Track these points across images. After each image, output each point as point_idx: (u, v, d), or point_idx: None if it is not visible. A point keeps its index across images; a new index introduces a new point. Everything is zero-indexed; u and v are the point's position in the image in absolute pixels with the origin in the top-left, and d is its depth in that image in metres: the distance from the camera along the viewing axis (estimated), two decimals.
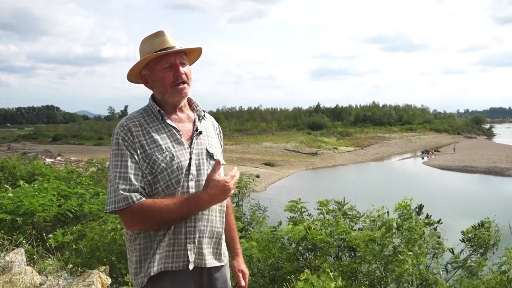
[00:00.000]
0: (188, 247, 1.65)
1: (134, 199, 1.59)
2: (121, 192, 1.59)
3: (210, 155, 1.76)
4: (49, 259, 4.41)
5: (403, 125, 76.78)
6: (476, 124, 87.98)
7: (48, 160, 35.38)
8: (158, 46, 1.71)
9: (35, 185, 6.49)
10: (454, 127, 78.48)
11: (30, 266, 4.14)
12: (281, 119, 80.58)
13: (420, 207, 3.82)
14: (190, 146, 1.73)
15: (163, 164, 1.64)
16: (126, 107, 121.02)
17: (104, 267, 4.14)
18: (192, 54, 1.84)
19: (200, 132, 1.78)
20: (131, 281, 3.55)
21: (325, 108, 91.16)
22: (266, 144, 49.39)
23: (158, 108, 1.73)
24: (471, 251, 3.58)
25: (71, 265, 4.37)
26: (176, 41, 1.77)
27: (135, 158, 1.64)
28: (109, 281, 3.90)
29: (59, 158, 40.46)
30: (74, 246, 4.57)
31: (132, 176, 1.61)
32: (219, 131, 1.97)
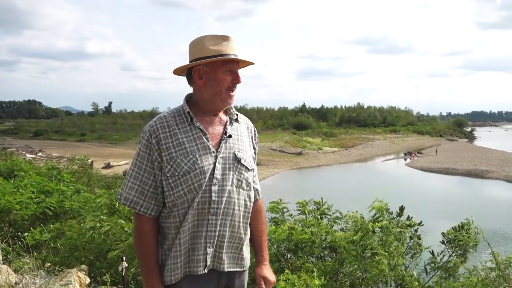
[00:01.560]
0: (208, 251, 1.68)
1: (136, 207, 1.71)
2: (129, 191, 1.72)
3: (237, 160, 1.75)
4: (26, 257, 4.32)
5: (387, 127, 77.65)
6: (458, 127, 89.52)
7: (29, 155, 34.71)
8: (228, 50, 1.73)
9: (14, 182, 6.36)
10: (437, 130, 79.70)
11: (6, 265, 4.05)
12: (266, 119, 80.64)
13: (401, 208, 3.86)
14: (217, 150, 1.72)
15: (186, 167, 1.66)
16: (110, 103, 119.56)
17: (83, 266, 4.07)
18: (240, 65, 1.85)
19: (230, 136, 1.77)
20: (109, 281, 3.51)
21: (310, 109, 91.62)
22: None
23: (188, 109, 1.74)
24: (450, 253, 3.62)
25: (49, 264, 4.28)
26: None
27: (153, 163, 1.69)
28: (88, 280, 3.84)
29: (40, 154, 39.71)
30: (52, 244, 4.49)
31: (144, 179, 1.70)
32: (254, 135, 1.96)
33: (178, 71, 1.82)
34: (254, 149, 1.92)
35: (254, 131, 1.96)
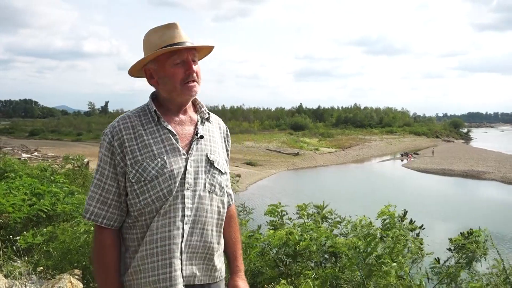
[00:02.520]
0: (182, 266, 1.50)
1: (98, 219, 1.53)
2: (90, 202, 1.54)
3: (210, 163, 1.60)
4: (17, 261, 4.21)
5: (384, 128, 77.87)
6: (454, 128, 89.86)
7: (25, 155, 34.51)
8: (171, 39, 1.55)
9: (6, 183, 6.24)
10: (433, 131, 79.98)
11: None
12: (263, 119, 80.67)
13: (404, 213, 3.76)
14: (187, 152, 1.56)
15: (153, 172, 1.49)
16: (106, 103, 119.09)
17: (76, 270, 3.97)
18: (201, 52, 1.68)
19: (201, 137, 1.61)
20: None
21: (307, 109, 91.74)
22: (248, 143, 49.28)
23: (154, 108, 1.57)
24: (456, 260, 3.52)
25: (41, 268, 4.18)
26: (188, 36, 1.61)
27: (115, 168, 1.53)
28: (81, 285, 3.73)
29: (36, 153, 39.47)
30: (44, 248, 4.37)
31: (106, 186, 1.53)
32: (227, 135, 1.80)
33: (135, 74, 1.66)
34: (227, 150, 1.78)
35: (227, 131, 1.81)
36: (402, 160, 45.78)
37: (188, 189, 1.52)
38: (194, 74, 1.58)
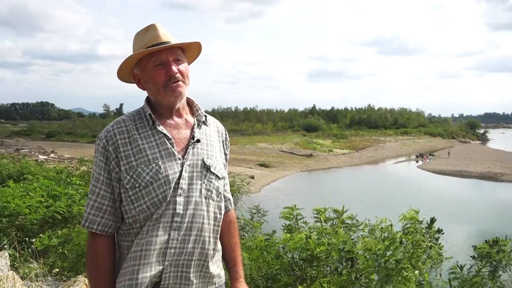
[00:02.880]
0: (166, 270, 1.46)
1: (93, 226, 1.50)
2: (86, 209, 1.52)
3: (206, 167, 1.55)
4: (33, 263, 4.25)
5: (398, 129, 77.01)
6: (470, 128, 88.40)
7: (42, 156, 35.09)
8: (149, 41, 1.52)
9: (23, 185, 6.32)
10: (449, 132, 78.81)
11: (13, 270, 3.97)
12: (276, 120, 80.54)
13: (432, 220, 3.65)
14: (183, 156, 1.52)
15: (148, 178, 1.45)
16: (121, 105, 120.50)
17: None
18: (191, 51, 1.63)
19: (198, 141, 1.57)
20: None
21: (320, 110, 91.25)
22: (261, 145, 49.24)
23: (149, 111, 1.54)
24: (479, 269, 3.40)
25: (57, 270, 4.20)
26: (171, 36, 1.57)
27: (110, 174, 1.49)
28: None
29: (52, 155, 40.06)
30: (60, 250, 4.41)
31: (102, 192, 1.50)
32: (225, 138, 1.75)
33: (125, 79, 1.64)
34: (225, 154, 1.72)
35: (225, 134, 1.76)
36: (417, 162, 45.18)
37: (180, 195, 1.48)
38: (178, 74, 1.53)
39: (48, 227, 5.21)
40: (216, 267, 1.61)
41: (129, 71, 1.60)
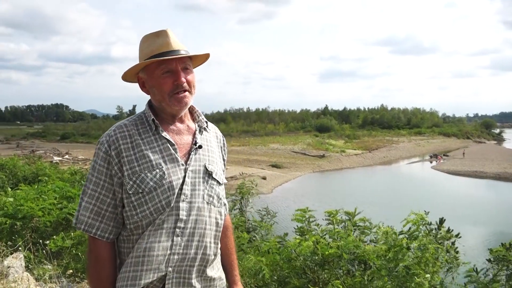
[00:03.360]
0: (168, 276, 1.45)
1: (92, 230, 1.48)
2: (83, 212, 1.49)
3: (208, 173, 1.55)
4: (47, 265, 4.29)
5: (412, 129, 76.19)
6: (485, 128, 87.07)
7: (56, 158, 35.57)
8: (160, 48, 1.51)
9: (37, 187, 6.40)
10: (463, 132, 77.73)
11: (28, 272, 4.02)
12: (288, 121, 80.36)
13: (441, 221, 3.60)
14: (186, 162, 1.51)
15: (151, 183, 1.44)
16: (134, 106, 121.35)
17: None
18: (198, 59, 1.63)
19: (200, 146, 1.57)
20: None
21: (333, 111, 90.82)
22: (273, 146, 49.19)
23: (152, 117, 1.53)
24: (496, 272, 3.34)
25: (71, 271, 4.23)
26: (181, 43, 1.56)
27: (112, 179, 1.48)
28: None
29: (67, 156, 40.58)
30: (74, 251, 4.44)
31: (101, 197, 1.48)
32: (223, 144, 1.75)
33: (129, 80, 1.63)
34: (224, 160, 1.72)
35: (223, 140, 1.76)
36: (431, 162, 44.64)
37: (183, 200, 1.47)
38: (185, 84, 1.53)
39: (61, 229, 5.25)
40: (217, 270, 1.61)
41: (134, 73, 1.60)
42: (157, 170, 1.46)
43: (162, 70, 1.51)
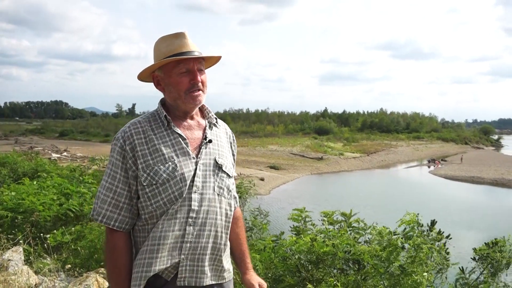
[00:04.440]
0: (182, 264, 1.55)
1: (110, 222, 1.57)
2: (101, 205, 1.58)
3: (218, 166, 1.66)
4: (47, 259, 4.36)
5: (410, 133, 76.31)
6: (484, 134, 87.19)
7: (55, 155, 35.57)
8: (178, 48, 1.62)
9: (37, 183, 6.46)
10: (462, 137, 77.84)
11: (27, 265, 4.08)
12: (287, 123, 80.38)
13: (433, 222, 3.69)
14: (197, 155, 1.62)
15: (164, 175, 1.54)
16: (134, 105, 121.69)
17: (102, 269, 4.07)
18: (209, 60, 1.75)
19: (210, 141, 1.67)
20: None
21: (332, 113, 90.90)
22: (271, 147, 49.23)
23: (164, 113, 1.63)
24: (481, 270, 3.43)
25: (69, 266, 4.30)
26: (196, 45, 1.67)
27: (127, 172, 1.57)
28: (107, 284, 3.83)
29: (65, 153, 40.56)
30: (72, 246, 4.51)
31: (118, 190, 1.57)
32: (233, 140, 1.85)
33: (143, 79, 1.71)
34: (233, 155, 1.84)
35: (233, 136, 1.87)
36: (429, 167, 44.73)
37: (195, 192, 1.57)
38: (200, 84, 1.63)
39: (60, 224, 5.32)
40: (227, 261, 1.71)
41: (150, 72, 1.69)
42: (170, 163, 1.56)
43: (180, 69, 1.61)
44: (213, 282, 1.63)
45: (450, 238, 3.75)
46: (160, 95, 1.74)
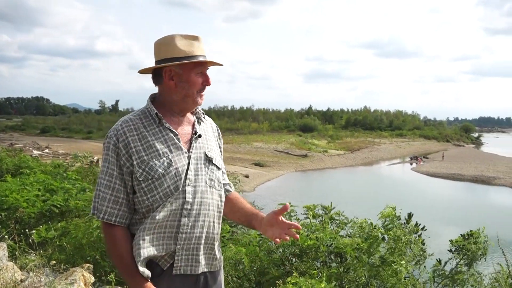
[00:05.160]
0: (178, 253, 1.63)
1: (112, 218, 1.62)
2: (102, 202, 1.62)
3: (209, 160, 1.74)
4: (31, 254, 4.34)
5: (393, 131, 77.38)
6: (465, 132, 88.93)
7: (36, 152, 34.96)
8: (198, 50, 1.70)
9: (21, 179, 6.40)
10: (443, 135, 79.23)
11: (12, 261, 4.07)
12: (272, 120, 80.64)
13: (409, 215, 3.82)
14: (188, 150, 1.70)
15: (160, 170, 1.61)
16: (117, 101, 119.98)
17: (88, 265, 4.08)
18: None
19: (199, 136, 1.75)
20: (114, 280, 3.51)
21: (316, 111, 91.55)
22: (256, 144, 49.36)
23: (155, 111, 1.69)
24: (458, 261, 3.58)
25: (54, 262, 4.30)
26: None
27: (121, 169, 1.63)
28: (93, 279, 3.84)
29: (46, 150, 39.95)
30: (57, 242, 4.50)
31: (116, 186, 1.63)
32: (218, 133, 1.94)
33: (144, 70, 1.77)
34: (220, 147, 1.92)
35: (218, 130, 1.95)
36: (411, 164, 45.49)
37: (189, 184, 1.65)
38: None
39: (44, 220, 5.29)
40: (218, 250, 1.80)
41: (161, 65, 1.71)
42: (164, 158, 1.63)
43: (198, 70, 1.70)
44: (206, 270, 1.72)
45: (425, 230, 3.89)
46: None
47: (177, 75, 1.70)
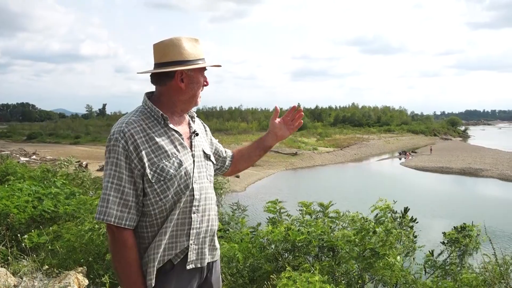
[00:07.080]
0: (191, 248, 1.69)
1: (122, 221, 1.60)
2: (111, 206, 1.59)
3: (207, 156, 1.83)
4: (24, 260, 4.32)
5: (382, 126, 78.04)
6: (452, 126, 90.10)
7: (23, 159, 34.53)
8: (201, 54, 1.76)
9: (9, 186, 6.33)
10: (431, 129, 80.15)
11: (4, 267, 4.05)
12: (261, 119, 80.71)
13: (405, 210, 3.89)
14: (190, 148, 1.75)
15: (172, 171, 1.64)
16: (104, 105, 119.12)
17: (81, 268, 4.08)
18: None
19: (197, 134, 1.81)
20: (108, 282, 3.52)
21: (305, 109, 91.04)
22: (246, 144, 49.23)
23: (161, 112, 1.69)
24: (450, 253, 3.65)
25: (47, 266, 4.28)
26: None
27: (132, 172, 1.61)
28: (86, 282, 3.84)
29: (34, 156, 39.48)
30: (50, 247, 4.48)
31: (126, 190, 1.60)
32: (205, 129, 2.01)
33: (151, 72, 1.77)
34: (211, 139, 2.03)
35: (205, 126, 2.02)
36: (400, 159, 45.93)
37: (195, 182, 1.71)
38: None
39: (35, 226, 5.26)
40: (217, 241, 1.87)
41: (169, 67, 1.74)
42: (174, 159, 1.66)
43: (203, 72, 1.78)
44: (210, 260, 1.80)
45: (417, 222, 3.96)
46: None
47: (189, 77, 1.73)
